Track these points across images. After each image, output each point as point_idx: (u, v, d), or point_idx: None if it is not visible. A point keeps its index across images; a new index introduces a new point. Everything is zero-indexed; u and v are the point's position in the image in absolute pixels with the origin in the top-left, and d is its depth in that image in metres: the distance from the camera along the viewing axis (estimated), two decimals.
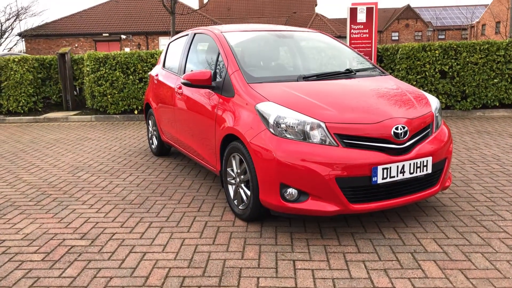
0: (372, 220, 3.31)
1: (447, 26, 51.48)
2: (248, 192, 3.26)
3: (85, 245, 3.03)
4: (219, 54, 3.90)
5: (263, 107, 3.13)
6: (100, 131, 7.75)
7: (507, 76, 8.10)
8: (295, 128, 2.96)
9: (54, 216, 3.59)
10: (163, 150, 5.55)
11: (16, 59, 9.49)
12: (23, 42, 28.47)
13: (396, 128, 2.97)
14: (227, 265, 2.69)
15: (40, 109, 10.05)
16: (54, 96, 10.23)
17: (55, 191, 4.29)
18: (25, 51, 27.86)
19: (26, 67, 9.55)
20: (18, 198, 4.09)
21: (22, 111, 9.70)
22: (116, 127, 8.25)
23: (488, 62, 8.07)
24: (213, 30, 4.24)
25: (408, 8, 51.86)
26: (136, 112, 9.18)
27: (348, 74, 3.79)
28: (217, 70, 3.86)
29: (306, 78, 3.59)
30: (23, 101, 9.62)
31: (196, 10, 23.83)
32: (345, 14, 8.71)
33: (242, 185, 3.34)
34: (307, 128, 2.94)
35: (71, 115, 9.32)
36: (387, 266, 2.62)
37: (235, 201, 3.47)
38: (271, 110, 3.07)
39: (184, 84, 3.82)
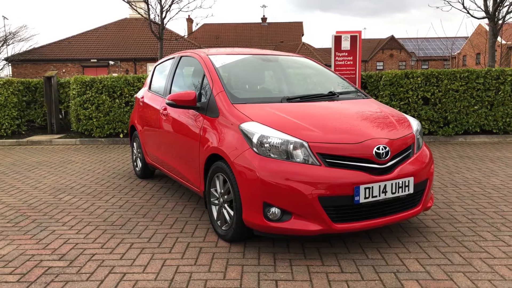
0: (355, 240, 3.30)
1: (429, 56, 52.91)
2: (232, 212, 3.24)
3: (63, 266, 2.95)
4: (204, 75, 3.95)
5: (247, 126, 3.16)
6: (85, 154, 7.68)
7: (486, 103, 8.32)
8: (279, 147, 2.97)
9: (32, 238, 3.51)
10: (147, 173, 5.51)
11: (1, 82, 9.44)
12: (10, 67, 28.36)
13: (378, 148, 3.01)
14: (208, 286, 2.64)
15: (23, 132, 9.95)
16: (39, 119, 10.16)
17: (35, 212, 4.20)
18: (11, 75, 27.73)
19: (11, 90, 9.50)
20: None
21: (5, 134, 9.58)
22: (100, 150, 8.18)
23: (468, 89, 8.30)
24: (199, 53, 4.31)
25: (392, 38, 53.26)
26: (121, 135, 9.14)
27: (331, 96, 3.86)
28: (202, 91, 3.89)
29: (289, 99, 3.64)
30: (7, 124, 9.52)
31: (184, 36, 24.14)
32: (331, 44, 8.91)
33: (226, 205, 3.32)
34: (290, 147, 2.96)
35: (55, 138, 9.23)
36: (370, 286, 2.60)
37: (218, 222, 3.43)
38: (255, 130, 3.09)
39: (169, 104, 3.84)
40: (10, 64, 27.91)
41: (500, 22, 11.01)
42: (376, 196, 2.95)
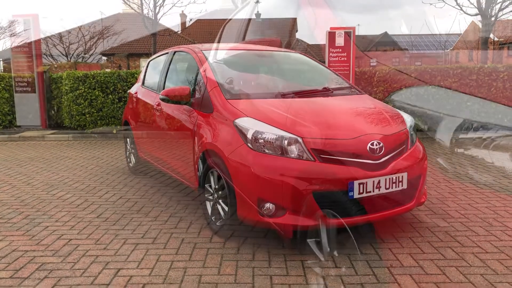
0: (349, 236, 3.31)
1: (422, 53, 53.10)
2: (226, 208, 3.24)
3: (56, 262, 2.94)
4: (198, 71, 3.93)
5: (241, 122, 3.15)
6: (77, 150, 7.63)
7: (479, 99, 8.37)
8: (273, 143, 2.97)
9: (25, 234, 3.48)
10: (141, 168, 5.48)
11: None
12: (1, 62, 28.01)
13: (372, 144, 3.02)
14: (203, 281, 2.64)
15: (15, 128, 9.85)
16: (31, 115, 10.05)
17: (28, 208, 4.17)
18: (2, 70, 27.41)
19: (3, 85, 9.40)
20: None
21: None
22: (93, 146, 8.14)
23: (461, 86, 8.34)
24: (193, 48, 4.29)
25: (385, 35, 53.37)
26: (114, 131, 9.09)
27: (326, 92, 3.86)
28: (196, 87, 3.87)
29: (284, 95, 3.64)
30: None
31: (177, 31, 24.00)
32: (325, 40, 8.90)
33: (220, 201, 3.32)
34: (285, 143, 2.96)
35: (47, 134, 9.16)
36: (364, 281, 2.62)
37: (213, 218, 3.43)
38: (250, 125, 3.09)
39: (163, 100, 3.82)
40: (1, 59, 27.58)
41: (492, 19, 11.07)
42: (370, 192, 2.96)
